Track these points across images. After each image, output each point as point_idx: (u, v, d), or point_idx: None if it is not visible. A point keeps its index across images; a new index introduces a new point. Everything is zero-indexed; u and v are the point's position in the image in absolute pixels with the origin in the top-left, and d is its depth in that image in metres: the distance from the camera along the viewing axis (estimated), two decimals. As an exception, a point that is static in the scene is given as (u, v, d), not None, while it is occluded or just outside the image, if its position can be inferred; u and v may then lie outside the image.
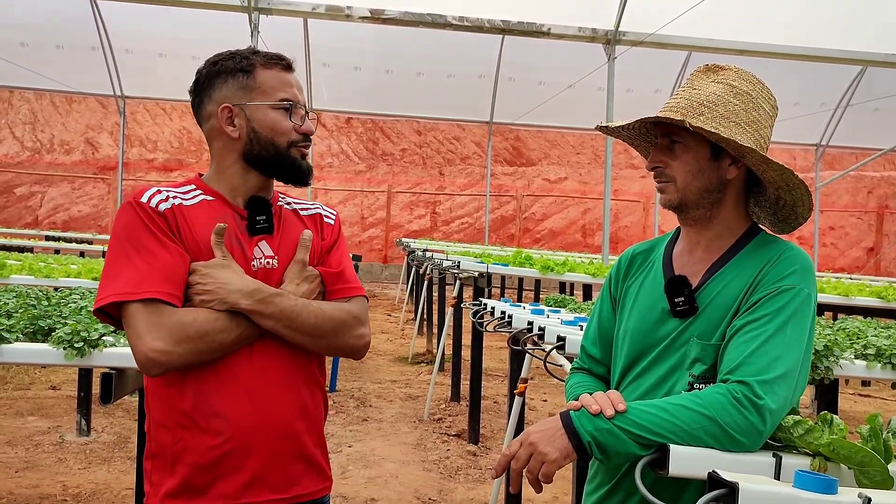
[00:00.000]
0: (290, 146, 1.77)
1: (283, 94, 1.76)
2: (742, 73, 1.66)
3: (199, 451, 1.65)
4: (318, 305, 1.73)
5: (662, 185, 1.67)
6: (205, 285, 1.64)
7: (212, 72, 1.78)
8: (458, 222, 21.26)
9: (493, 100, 14.53)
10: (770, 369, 1.45)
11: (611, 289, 1.83)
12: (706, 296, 1.61)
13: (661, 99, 14.46)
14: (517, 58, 13.15)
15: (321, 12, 8.42)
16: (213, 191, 1.78)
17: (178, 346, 1.58)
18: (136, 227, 1.66)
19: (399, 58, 13.46)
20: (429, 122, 19.76)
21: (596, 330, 1.83)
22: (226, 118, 1.76)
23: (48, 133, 21.64)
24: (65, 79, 14.02)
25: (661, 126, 1.66)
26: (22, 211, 20.04)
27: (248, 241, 1.75)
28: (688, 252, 1.71)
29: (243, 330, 1.66)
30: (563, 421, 1.44)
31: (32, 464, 4.81)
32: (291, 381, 1.73)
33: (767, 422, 1.42)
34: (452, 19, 8.26)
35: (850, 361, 2.71)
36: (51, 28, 12.68)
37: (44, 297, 3.09)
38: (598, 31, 8.58)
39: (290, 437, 1.71)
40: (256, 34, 8.00)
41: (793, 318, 1.51)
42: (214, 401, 1.65)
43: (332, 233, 1.90)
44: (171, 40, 12.66)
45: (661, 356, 1.63)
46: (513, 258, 6.32)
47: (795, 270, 1.55)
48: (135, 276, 1.60)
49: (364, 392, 7.23)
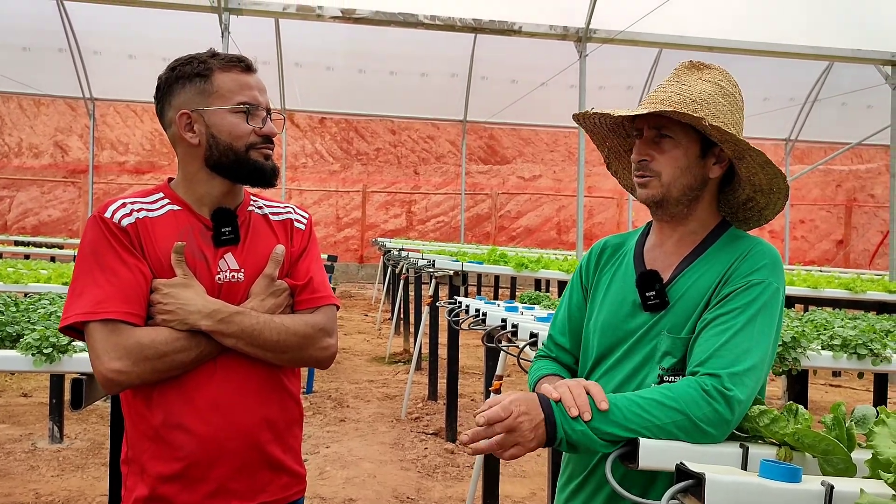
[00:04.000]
0: (249, 149, 1.75)
1: (241, 97, 1.75)
2: (726, 74, 1.68)
3: (164, 461, 1.69)
4: (280, 321, 1.73)
5: (645, 180, 1.65)
6: (165, 305, 1.65)
7: (171, 77, 1.77)
8: (433, 221, 21.25)
9: (466, 98, 14.55)
10: (739, 361, 1.48)
11: (581, 279, 1.84)
12: (677, 290, 1.63)
13: (634, 96, 14.56)
14: (490, 56, 13.18)
15: (292, 12, 8.37)
16: (180, 199, 1.78)
17: (136, 366, 1.61)
18: (100, 243, 1.67)
19: (372, 57, 13.42)
20: (403, 121, 19.74)
21: (565, 319, 1.84)
22: (184, 125, 1.75)
23: (16, 136, 21.29)
24: (32, 81, 13.80)
25: (649, 119, 1.64)
26: (-10, 217, 19.72)
27: (213, 253, 1.75)
28: (659, 246, 1.73)
29: (203, 348, 1.68)
30: (544, 410, 1.43)
31: (4, 472, 4.74)
32: (256, 392, 1.75)
33: (736, 412, 1.45)
34: (424, 18, 8.26)
35: (817, 352, 2.76)
36: (16, 29, 12.47)
37: (12, 303, 3.04)
38: (569, 29, 8.63)
39: (254, 447, 1.74)
40: (227, 35, 7.94)
41: (762, 312, 1.54)
42: (179, 414, 1.68)
43: (303, 239, 1.89)
44: (141, 41, 12.51)
45: (631, 349, 1.65)
46: (487, 256, 6.35)
47: (765, 265, 1.58)
48: (97, 295, 1.62)
49: (341, 393, 7.21)
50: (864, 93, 12.51)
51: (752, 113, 14.46)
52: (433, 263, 5.90)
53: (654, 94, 1.65)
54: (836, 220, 21.04)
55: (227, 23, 7.93)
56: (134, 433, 1.72)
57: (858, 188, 21.38)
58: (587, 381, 1.50)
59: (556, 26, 8.59)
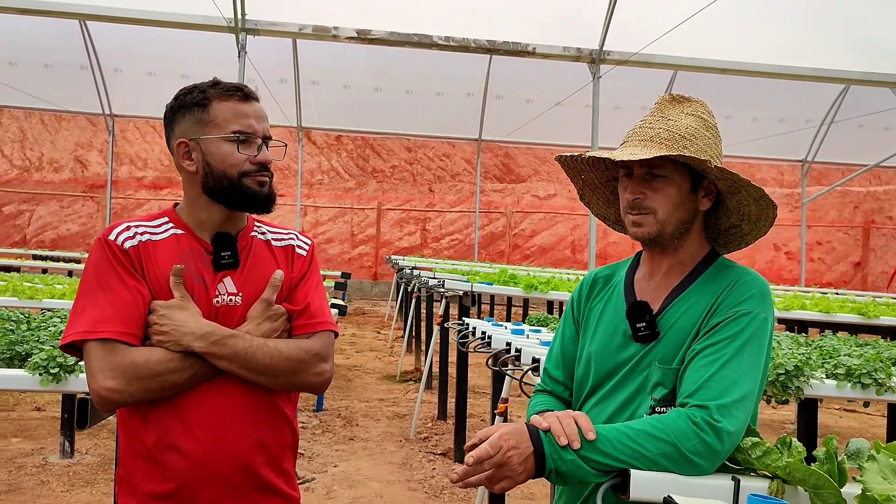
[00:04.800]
0: (242, 177, 1.79)
1: (236, 125, 1.79)
2: (706, 107, 1.71)
3: (155, 481, 1.71)
4: (274, 345, 1.76)
5: (640, 218, 1.66)
6: (161, 326, 1.69)
7: (174, 107, 1.84)
8: (448, 239, 21.29)
9: (481, 117, 14.63)
10: (728, 393, 1.49)
11: (573, 311, 1.86)
12: (667, 321, 1.65)
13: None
14: (505, 75, 13.26)
15: (308, 33, 8.48)
16: (183, 223, 1.83)
17: (130, 385, 1.64)
18: (103, 264, 1.72)
19: (388, 76, 13.56)
20: (419, 139, 19.84)
21: (559, 352, 1.85)
22: (182, 153, 1.81)
23: (37, 151, 21.60)
24: (53, 97, 14.04)
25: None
26: (10, 230, 19.97)
27: (212, 277, 1.78)
28: (649, 277, 1.74)
29: (197, 370, 1.71)
30: (533, 442, 1.45)
31: (15, 486, 4.78)
32: (250, 415, 1.77)
33: (725, 443, 1.46)
34: (438, 39, 8.34)
35: (821, 381, 2.74)
36: (39, 47, 12.71)
37: (24, 320, 3.09)
38: (582, 51, 8.67)
39: (246, 469, 1.75)
40: (244, 54, 8.04)
41: (750, 342, 1.55)
42: (173, 435, 1.71)
43: (303, 265, 1.92)
44: (160, 59, 12.70)
45: (623, 380, 1.66)
46: (498, 277, 6.36)
47: (752, 295, 1.59)
48: (96, 315, 1.66)
49: (351, 411, 7.21)
50: (882, 115, 12.47)
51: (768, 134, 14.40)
52: (443, 283, 5.91)
53: (641, 130, 1.67)
54: (853, 242, 20.85)
55: (243, 43, 8.04)
56: (128, 452, 1.75)
57: (876, 210, 21.19)
58: (576, 412, 1.51)
59: (570, 48, 8.64)
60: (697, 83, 12.46)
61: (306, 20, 8.36)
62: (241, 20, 7.93)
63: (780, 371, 2.49)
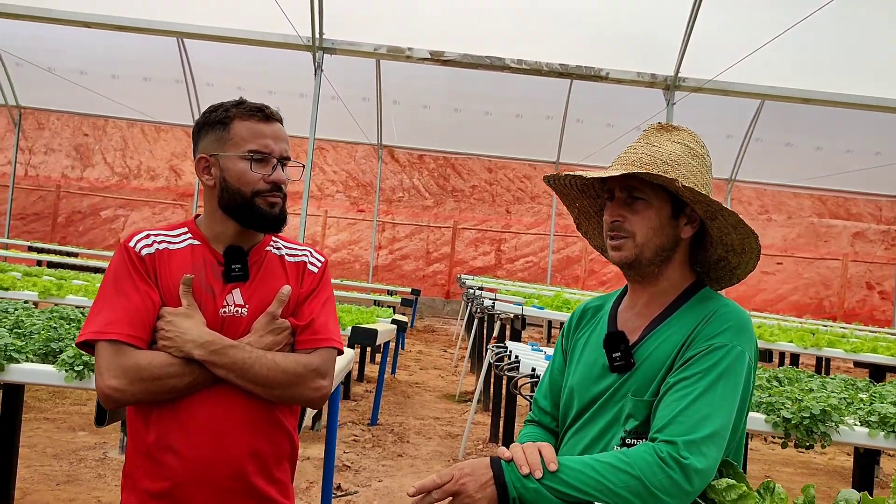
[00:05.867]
0: (255, 196, 1.85)
1: (253, 144, 1.85)
2: (695, 136, 1.69)
3: (153, 479, 1.78)
4: (272, 358, 1.80)
5: (619, 242, 1.65)
6: (166, 332, 1.76)
7: (200, 123, 1.93)
8: (522, 261, 21.20)
9: (560, 140, 14.58)
10: (698, 429, 1.45)
11: (563, 342, 1.85)
12: (643, 352, 1.62)
13: (734, 145, 14.21)
14: (585, 99, 13.23)
15: (383, 53, 8.68)
16: (201, 235, 1.90)
17: (132, 385, 1.72)
18: (121, 269, 1.82)
19: (467, 97, 13.73)
20: (499, 160, 19.92)
21: (548, 383, 1.85)
22: (202, 168, 1.89)
23: (136, 159, 22.77)
24: (150, 109, 14.82)
25: (621, 180, 1.65)
26: (106, 233, 21.08)
27: (221, 288, 1.85)
28: (631, 307, 1.72)
29: (197, 376, 1.76)
30: (493, 470, 1.46)
31: (73, 478, 5.02)
32: (246, 424, 1.81)
33: (694, 482, 1.42)
34: (511, 62, 8.38)
35: (850, 428, 2.59)
36: (139, 61, 13.48)
37: (75, 318, 3.26)
38: (657, 76, 8.55)
39: (238, 476, 1.80)
40: (320, 73, 8.30)
41: (724, 377, 1.50)
42: (172, 437, 1.77)
43: (313, 281, 1.96)
44: (248, 75, 13.25)
45: (599, 411, 1.64)
46: (551, 301, 6.31)
47: (729, 328, 1.55)
48: (109, 317, 1.75)
49: (405, 427, 7.25)
50: None
51: (863, 166, 13.77)
52: (493, 305, 5.91)
53: (625, 155, 1.66)
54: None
55: (320, 61, 8.30)
56: (132, 449, 1.84)
57: None
58: (541, 444, 1.50)
59: (644, 73, 8.53)
60: (785, 113, 12.08)
61: (383, 41, 8.56)
62: (318, 39, 8.19)
63: (804, 415, 2.37)
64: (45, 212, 21.20)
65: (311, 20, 8.01)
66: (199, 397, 1.79)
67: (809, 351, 5.80)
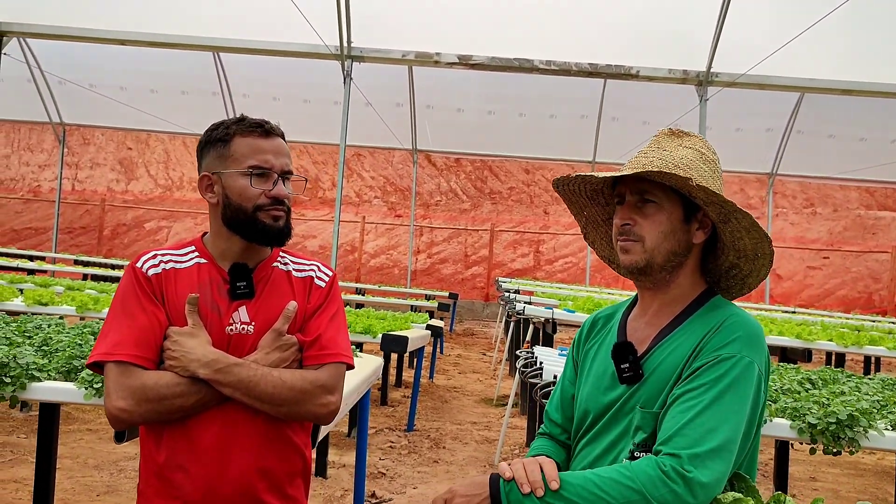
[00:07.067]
0: (257, 210, 1.86)
1: (253, 160, 1.86)
2: (706, 142, 1.66)
3: (164, 498, 1.79)
4: (278, 375, 1.80)
5: (629, 245, 1.61)
6: (173, 352, 1.78)
7: (202, 142, 1.95)
8: (561, 262, 21.06)
9: (595, 139, 14.47)
10: (703, 442, 1.41)
11: (574, 353, 1.82)
12: (652, 362, 1.59)
13: (774, 138, 13.92)
14: (620, 97, 13.10)
15: (411, 59, 8.71)
16: (207, 253, 1.92)
17: (139, 406, 1.73)
18: (128, 290, 1.84)
19: (500, 99, 13.72)
20: (536, 161, 19.83)
21: (559, 395, 1.82)
22: (205, 186, 1.91)
23: (178, 171, 23.20)
24: (189, 122, 15.10)
25: (632, 184, 1.62)
26: (150, 244, 21.53)
27: (227, 306, 1.86)
28: (641, 316, 1.69)
29: (204, 395, 1.77)
30: (490, 489, 1.44)
31: (113, 488, 5.12)
32: (255, 441, 1.82)
33: (698, 496, 1.38)
34: (539, 63, 8.33)
35: (880, 433, 2.49)
36: (176, 76, 13.75)
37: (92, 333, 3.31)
38: (689, 73, 8.41)
39: (247, 494, 1.81)
40: (349, 80, 8.36)
41: (732, 388, 1.46)
42: (181, 456, 1.78)
43: (320, 297, 1.95)
44: (283, 86, 13.44)
45: (609, 423, 1.62)
46: (583, 304, 6.24)
47: (737, 338, 1.51)
48: (116, 338, 1.77)
49: (441, 433, 7.24)
50: None
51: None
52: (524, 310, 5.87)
53: (635, 159, 1.63)
54: None
55: (349, 69, 8.36)
56: (145, 468, 1.86)
57: None
58: (542, 458, 1.48)
59: (676, 70, 8.40)
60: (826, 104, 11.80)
61: (411, 47, 8.59)
62: (346, 48, 8.25)
63: (831, 420, 2.29)
64: (91, 225, 21.74)
65: (338, 29, 8.07)
66: (208, 416, 1.80)
67: (851, 350, 5.64)
